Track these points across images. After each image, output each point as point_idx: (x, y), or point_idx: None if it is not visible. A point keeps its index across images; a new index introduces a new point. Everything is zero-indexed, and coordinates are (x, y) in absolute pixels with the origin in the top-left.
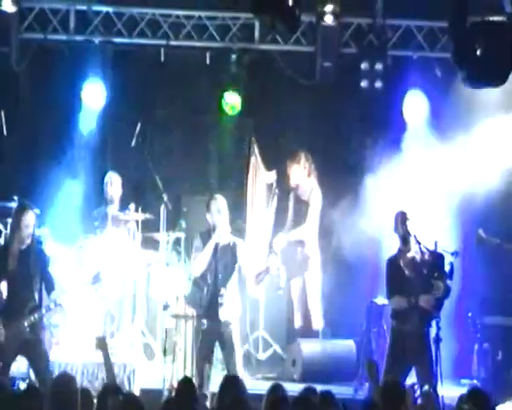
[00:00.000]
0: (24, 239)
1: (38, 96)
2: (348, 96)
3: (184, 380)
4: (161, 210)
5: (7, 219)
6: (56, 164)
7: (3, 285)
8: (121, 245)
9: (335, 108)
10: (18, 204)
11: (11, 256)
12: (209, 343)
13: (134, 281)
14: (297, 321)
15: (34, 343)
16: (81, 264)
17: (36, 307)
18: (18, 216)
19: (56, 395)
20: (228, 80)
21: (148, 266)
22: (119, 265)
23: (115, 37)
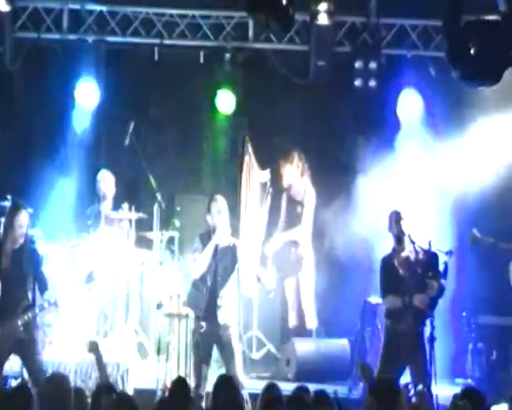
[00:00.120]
0: (17, 238)
1: (32, 95)
2: (342, 94)
3: (178, 380)
4: (155, 209)
5: (0, 218)
6: (50, 163)
7: None
8: (114, 244)
9: (329, 107)
10: (11, 203)
11: (4, 255)
12: (207, 346)
13: (127, 280)
14: (291, 320)
15: (28, 343)
16: (74, 263)
17: (29, 307)
18: (11, 215)
19: (49, 395)
20: (222, 79)
21: (142, 266)
22: (113, 264)
23: (109, 36)
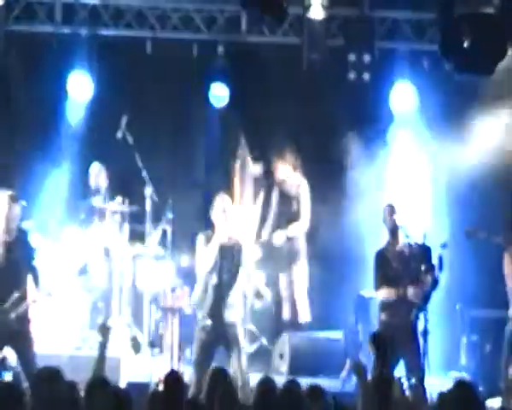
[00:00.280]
0: (10, 231)
1: (25, 87)
2: (335, 88)
3: (171, 373)
4: (147, 202)
5: None
6: (43, 155)
7: None
8: (107, 237)
9: (322, 100)
10: (4, 196)
11: None
12: (211, 345)
13: (121, 273)
14: (285, 314)
15: (21, 335)
16: (67, 256)
17: (22, 299)
18: (4, 208)
19: (42, 389)
20: (215, 72)
21: (135, 259)
22: (106, 257)
23: (102, 29)
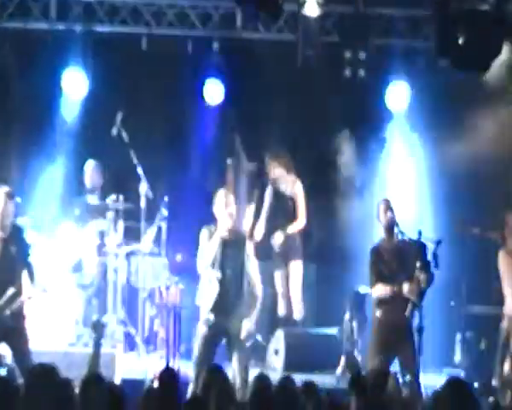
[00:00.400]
0: (5, 227)
1: (20, 84)
2: (331, 85)
3: (166, 370)
4: (142, 199)
5: None
6: (38, 152)
7: None
8: (102, 234)
9: (318, 97)
10: None
11: None
12: (213, 340)
13: (115, 270)
14: (281, 309)
15: (16, 331)
16: (62, 252)
17: (17, 295)
18: None
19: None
20: (210, 69)
21: (130, 255)
22: (100, 254)
23: (97, 25)
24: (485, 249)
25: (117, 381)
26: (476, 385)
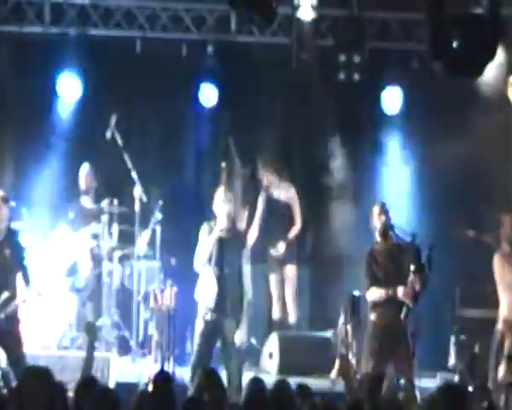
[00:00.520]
0: (0, 231)
1: (15, 88)
2: (325, 88)
3: (160, 373)
4: (137, 203)
5: None
6: (32, 155)
7: None
8: (96, 237)
9: (312, 101)
10: None
11: None
12: (210, 339)
13: (109, 273)
14: (275, 313)
15: (11, 335)
16: (56, 256)
17: (12, 299)
18: None
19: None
20: (204, 72)
21: (124, 259)
22: (95, 257)
23: (91, 29)
24: (479, 253)
25: (111, 384)
26: (470, 389)
